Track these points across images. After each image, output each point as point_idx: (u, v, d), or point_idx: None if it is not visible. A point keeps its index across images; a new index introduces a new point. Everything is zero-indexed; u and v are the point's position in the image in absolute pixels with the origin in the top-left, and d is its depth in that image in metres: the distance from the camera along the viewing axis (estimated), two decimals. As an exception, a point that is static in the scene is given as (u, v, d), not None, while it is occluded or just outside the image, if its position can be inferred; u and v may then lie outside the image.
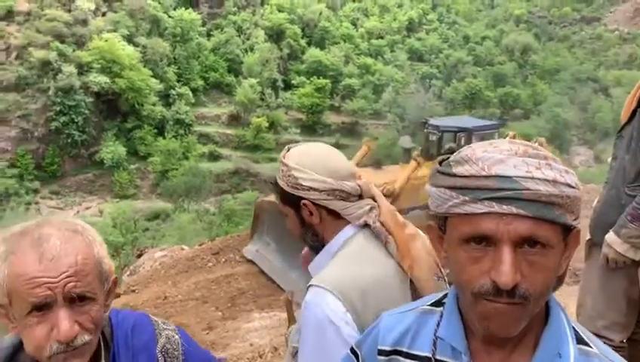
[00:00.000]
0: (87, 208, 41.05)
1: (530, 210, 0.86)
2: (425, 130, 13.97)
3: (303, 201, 1.51)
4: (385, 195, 9.25)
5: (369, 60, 61.36)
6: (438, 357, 1.01)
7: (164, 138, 46.42)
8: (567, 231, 0.92)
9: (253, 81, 52.25)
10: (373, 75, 59.19)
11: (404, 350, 1.06)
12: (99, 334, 1.19)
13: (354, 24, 69.02)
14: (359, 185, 1.52)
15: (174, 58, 52.87)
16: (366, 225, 1.52)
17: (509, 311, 0.87)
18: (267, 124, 49.80)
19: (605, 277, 2.43)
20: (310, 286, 1.42)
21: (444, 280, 1.55)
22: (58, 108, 42.92)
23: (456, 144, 13.28)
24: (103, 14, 51.51)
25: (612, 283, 2.41)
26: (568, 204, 0.88)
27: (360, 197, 1.53)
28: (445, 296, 1.07)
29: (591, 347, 0.95)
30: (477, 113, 58.33)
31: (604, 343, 2.44)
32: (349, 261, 1.47)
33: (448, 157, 0.96)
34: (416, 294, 1.49)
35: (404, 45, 68.43)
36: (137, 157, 45.61)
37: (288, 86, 56.56)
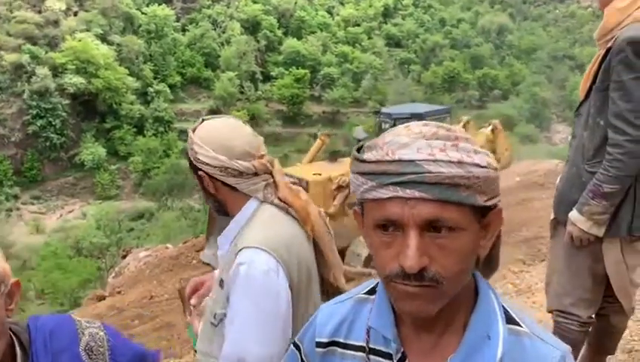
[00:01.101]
0: (70, 211, 40.61)
1: (432, 193, 0.85)
2: (377, 119, 13.99)
3: (199, 173, 1.65)
4: (341, 187, 9.14)
5: (347, 48, 61.24)
6: (372, 346, 1.02)
7: (144, 136, 46.00)
8: (485, 212, 0.91)
9: (231, 74, 51.91)
10: (352, 63, 59.12)
11: (341, 340, 1.07)
12: (5, 339, 1.18)
13: (330, 12, 68.76)
14: (253, 165, 1.63)
15: (150, 55, 52.27)
16: (265, 199, 1.67)
17: (420, 292, 0.88)
18: (248, 117, 49.55)
19: (570, 254, 2.46)
20: (241, 250, 1.54)
21: (332, 235, 1.77)
22: (34, 112, 42.30)
23: None
24: (75, 14, 50.69)
25: (577, 261, 2.45)
26: (477, 185, 0.87)
27: (256, 174, 1.65)
28: (378, 283, 1.08)
29: (521, 326, 0.96)
30: (456, 96, 58.69)
31: (573, 320, 2.49)
32: (267, 223, 1.63)
33: (364, 145, 0.96)
34: (317, 248, 1.72)
35: (381, 31, 68.40)
36: (118, 158, 45.17)
37: (267, 78, 56.28)
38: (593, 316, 2.53)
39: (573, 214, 2.37)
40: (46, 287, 24.63)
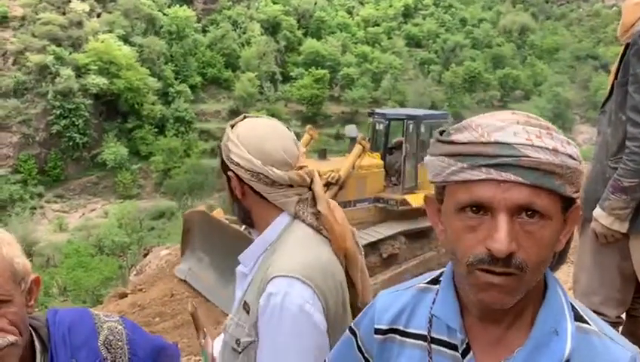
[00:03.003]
0: (92, 210, 41.17)
1: (528, 178, 0.84)
2: (372, 120, 13.81)
3: (229, 173, 1.52)
4: (330, 183, 8.75)
5: (366, 48, 61.05)
6: (433, 335, 1.00)
7: (165, 136, 46.40)
8: (567, 205, 0.91)
9: (251, 74, 52.10)
10: (372, 63, 58.88)
11: (401, 328, 1.06)
12: (26, 335, 1.18)
13: (349, 12, 68.66)
14: (289, 176, 1.49)
15: (171, 56, 52.73)
16: (297, 216, 1.52)
17: (503, 282, 0.86)
18: (267, 118, 49.73)
19: (597, 252, 2.42)
20: (273, 277, 1.40)
21: (362, 255, 1.62)
22: (58, 112, 42.96)
23: (404, 137, 13.17)
24: (98, 15, 51.39)
25: (604, 259, 2.41)
26: (568, 175, 0.87)
27: (290, 186, 1.50)
28: (442, 273, 1.06)
29: (589, 324, 0.94)
30: (477, 96, 58.17)
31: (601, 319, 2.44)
32: (301, 245, 1.48)
33: (447, 128, 0.95)
34: (346, 273, 1.55)
35: (401, 31, 68.03)
36: (139, 157, 45.64)
37: (287, 78, 56.36)
38: (622, 316, 2.48)
39: (596, 211, 2.34)
40: (69, 285, 25.06)
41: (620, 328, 2.51)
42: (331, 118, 53.54)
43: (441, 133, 0.95)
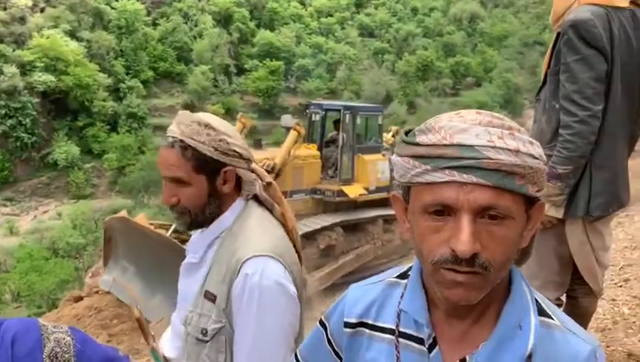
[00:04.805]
0: (45, 212, 39.87)
1: (490, 180, 0.85)
2: (307, 112, 13.94)
3: (226, 168, 1.49)
4: (266, 171, 8.96)
5: (320, 39, 60.97)
6: (402, 329, 1.03)
7: (118, 133, 45.24)
8: (530, 204, 0.93)
9: (204, 68, 51.30)
10: (326, 53, 58.90)
11: (370, 322, 1.08)
12: None
13: (302, 3, 68.31)
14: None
15: (121, 50, 51.35)
16: (252, 197, 1.59)
17: (467, 279, 0.88)
18: (223, 111, 49.09)
19: (536, 238, 2.51)
20: (247, 259, 1.44)
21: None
22: (3, 112, 41.29)
23: (340, 128, 13.30)
24: (42, 10, 49.52)
25: (543, 244, 2.49)
26: (530, 175, 0.88)
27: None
28: (410, 268, 1.09)
29: (552, 318, 0.98)
30: (430, 84, 58.99)
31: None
32: (263, 227, 1.53)
33: (413, 128, 0.96)
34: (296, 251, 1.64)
35: (354, 22, 68.21)
36: (92, 156, 44.39)
37: (241, 70, 55.75)
38: (562, 298, 2.59)
39: None
40: (22, 290, 24.23)
41: (561, 309, 2.63)
42: (288, 110, 53.30)
43: (406, 134, 0.96)
